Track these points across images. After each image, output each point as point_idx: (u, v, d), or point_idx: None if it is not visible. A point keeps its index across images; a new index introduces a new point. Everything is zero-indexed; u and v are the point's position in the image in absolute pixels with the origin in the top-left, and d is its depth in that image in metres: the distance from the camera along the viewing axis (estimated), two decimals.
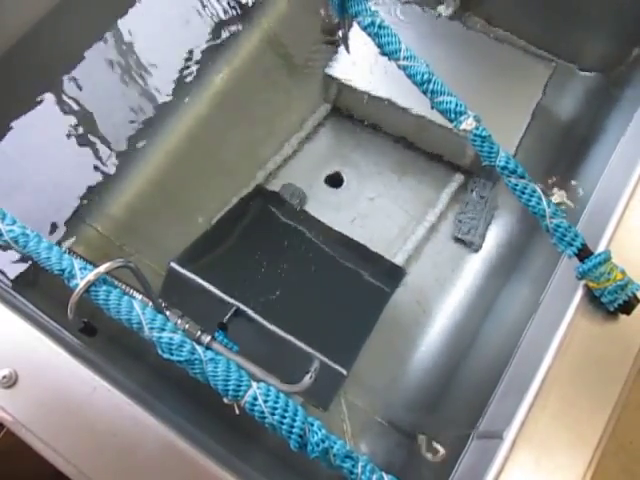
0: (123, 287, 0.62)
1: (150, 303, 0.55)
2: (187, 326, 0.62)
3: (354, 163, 0.88)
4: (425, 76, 0.47)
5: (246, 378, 0.37)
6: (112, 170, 0.85)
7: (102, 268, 0.41)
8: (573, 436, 0.39)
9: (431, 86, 0.46)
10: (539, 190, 0.43)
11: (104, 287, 0.40)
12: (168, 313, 0.63)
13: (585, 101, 0.87)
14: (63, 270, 0.40)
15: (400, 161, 0.88)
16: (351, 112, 0.89)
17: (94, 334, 0.43)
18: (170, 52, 0.88)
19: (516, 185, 0.44)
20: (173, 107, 0.89)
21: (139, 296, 0.61)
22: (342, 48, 0.83)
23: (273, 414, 0.35)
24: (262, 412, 0.36)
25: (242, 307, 0.64)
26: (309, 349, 0.61)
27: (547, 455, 0.38)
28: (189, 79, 0.90)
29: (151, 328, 0.38)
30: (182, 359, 0.37)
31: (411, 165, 0.88)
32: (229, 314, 0.64)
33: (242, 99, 0.92)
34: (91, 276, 0.40)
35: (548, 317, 0.46)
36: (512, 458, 0.38)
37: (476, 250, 0.83)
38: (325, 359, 0.60)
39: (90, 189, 0.83)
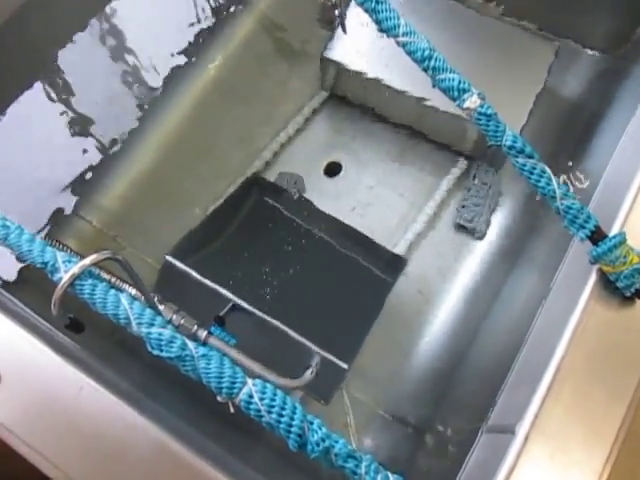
0: (115, 280, 0.61)
1: (142, 297, 0.53)
2: (183, 321, 0.60)
3: (353, 150, 0.86)
4: (426, 52, 0.44)
5: (241, 375, 0.34)
6: (104, 160, 0.82)
7: (88, 260, 0.39)
8: (589, 429, 0.37)
9: (432, 63, 0.44)
10: (549, 170, 0.41)
11: (89, 280, 0.38)
12: (163, 307, 0.61)
13: (591, 81, 0.84)
14: (46, 263, 0.38)
15: (400, 148, 0.86)
16: (349, 97, 0.87)
17: (81, 330, 0.41)
18: (163, 37, 0.86)
19: (524, 165, 0.41)
20: (166, 95, 0.87)
21: (133, 290, 0.59)
22: (340, 30, 0.80)
23: (270, 412, 0.33)
24: (258, 410, 0.33)
25: (239, 301, 0.62)
26: (309, 343, 0.59)
27: (562, 450, 0.36)
28: (182, 65, 0.88)
29: (139, 323, 0.36)
30: (172, 355, 0.35)
31: (411, 152, 0.86)
32: (226, 308, 0.62)
33: (237, 85, 0.90)
34: (76, 269, 0.38)
35: (559, 304, 0.44)
36: (525, 453, 0.36)
37: (480, 238, 0.81)
38: (325, 353, 0.59)
39: (81, 180, 0.81)
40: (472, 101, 0.42)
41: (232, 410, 0.35)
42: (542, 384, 0.38)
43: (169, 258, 0.66)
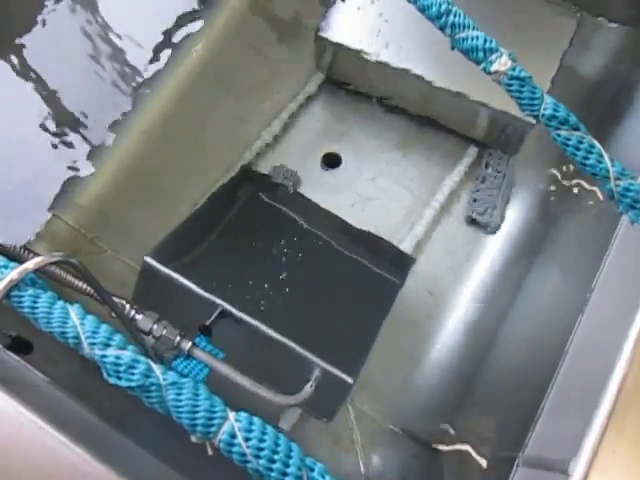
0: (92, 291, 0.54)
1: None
2: (164, 331, 0.55)
3: (352, 139, 0.82)
4: (443, 7, 0.37)
5: (220, 407, 0.27)
6: (81, 154, 0.77)
7: (30, 264, 0.32)
8: None
9: (451, 19, 0.37)
10: (599, 145, 0.33)
11: (30, 290, 0.30)
12: (142, 317, 0.55)
13: (614, 57, 0.79)
14: None
15: (404, 135, 0.82)
16: (348, 81, 0.82)
17: (29, 351, 0.34)
18: (142, 20, 0.81)
19: (568, 140, 0.34)
20: (147, 83, 0.82)
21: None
22: (336, 5, 0.74)
23: (258, 456, 0.26)
24: (243, 454, 0.26)
25: (229, 307, 0.57)
26: (308, 354, 0.54)
27: None
28: (164, 49, 0.83)
29: (92, 344, 0.28)
30: (133, 384, 0.27)
31: (417, 139, 0.81)
32: (213, 316, 0.57)
33: (223, 71, 0.85)
34: (14, 274, 0.31)
35: (610, 310, 0.37)
36: None
37: (493, 232, 0.76)
38: (328, 366, 0.53)
39: (55, 176, 0.76)
40: (502, 63, 0.35)
41: (210, 452, 0.28)
42: (600, 410, 0.30)
43: (148, 260, 0.60)
